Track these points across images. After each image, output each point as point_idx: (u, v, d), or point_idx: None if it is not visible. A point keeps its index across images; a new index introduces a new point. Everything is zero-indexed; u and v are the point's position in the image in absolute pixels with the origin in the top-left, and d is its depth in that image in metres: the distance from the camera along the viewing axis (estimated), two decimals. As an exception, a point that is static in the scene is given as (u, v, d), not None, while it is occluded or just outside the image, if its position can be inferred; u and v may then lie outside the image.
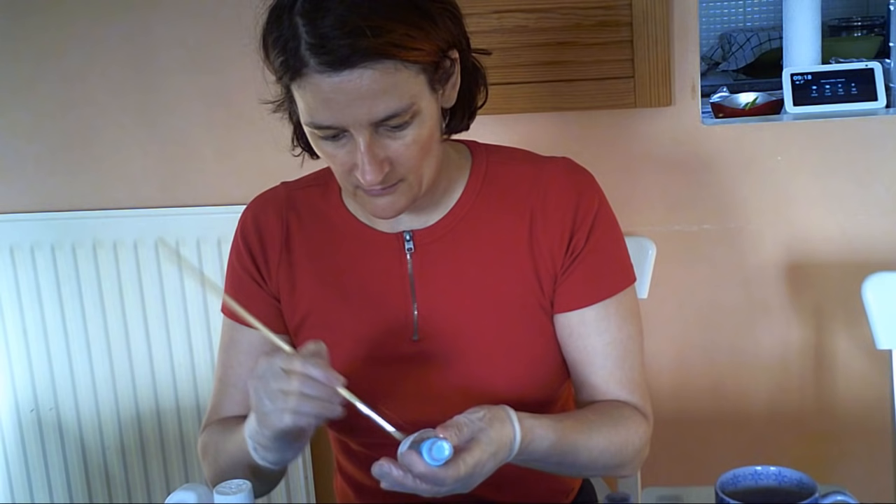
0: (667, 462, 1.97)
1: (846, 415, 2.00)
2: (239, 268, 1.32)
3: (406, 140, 1.12)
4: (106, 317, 2.13)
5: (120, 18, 2.04)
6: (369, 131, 1.10)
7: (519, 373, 1.26)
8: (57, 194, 2.14)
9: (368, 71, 1.06)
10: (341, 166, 1.15)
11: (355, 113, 1.08)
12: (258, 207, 1.33)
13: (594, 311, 1.25)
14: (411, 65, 1.09)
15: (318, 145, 1.15)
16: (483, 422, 1.06)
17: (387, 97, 1.08)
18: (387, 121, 1.09)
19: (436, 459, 1.00)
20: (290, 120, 1.23)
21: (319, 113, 1.09)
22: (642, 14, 1.84)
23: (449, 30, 1.14)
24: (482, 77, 1.25)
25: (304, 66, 1.07)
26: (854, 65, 1.99)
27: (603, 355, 1.26)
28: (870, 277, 1.52)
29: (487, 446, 1.05)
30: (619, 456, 1.23)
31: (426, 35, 1.10)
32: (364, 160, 1.10)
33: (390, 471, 1.01)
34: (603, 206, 1.28)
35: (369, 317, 1.27)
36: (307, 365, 1.05)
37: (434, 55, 1.12)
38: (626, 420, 1.24)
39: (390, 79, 1.07)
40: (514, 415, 1.10)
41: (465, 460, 1.02)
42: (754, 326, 1.99)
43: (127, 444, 2.18)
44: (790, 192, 1.93)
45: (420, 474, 1.00)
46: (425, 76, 1.12)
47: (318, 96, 1.08)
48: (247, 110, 2.01)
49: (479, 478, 1.06)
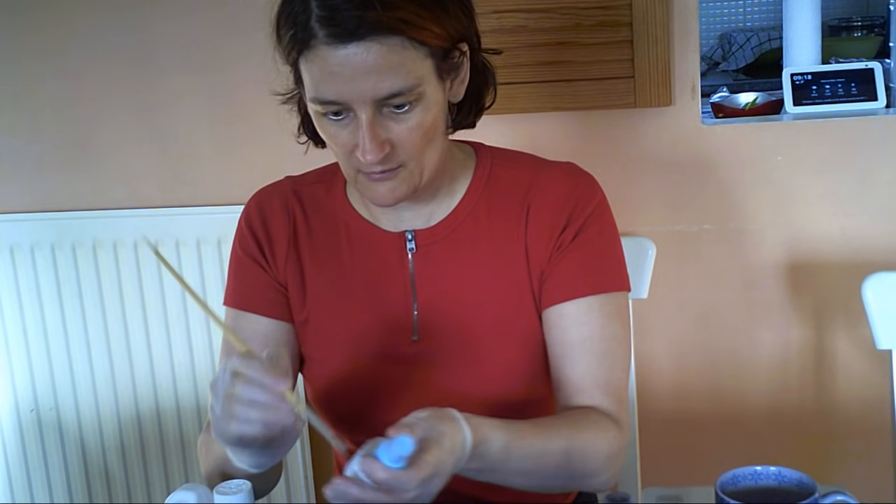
0: (667, 462, 1.97)
1: (846, 415, 2.00)
2: (243, 254, 1.31)
3: (409, 123, 1.12)
4: (106, 317, 2.13)
5: (120, 17, 2.04)
6: (372, 109, 1.10)
7: (515, 373, 1.26)
8: (57, 194, 2.14)
9: (375, 45, 1.07)
10: (343, 147, 1.14)
11: (360, 87, 1.08)
12: (263, 197, 1.33)
13: (575, 305, 1.23)
14: (419, 45, 1.09)
15: (322, 125, 1.15)
16: (433, 420, 1.01)
17: (392, 74, 1.08)
18: (390, 99, 1.10)
19: (398, 460, 0.94)
20: (298, 110, 1.24)
21: (324, 86, 1.10)
22: (642, 14, 1.84)
23: (460, 21, 1.15)
24: (491, 76, 1.25)
25: (312, 38, 1.08)
26: (854, 65, 1.99)
27: (581, 349, 1.22)
28: (870, 277, 1.52)
29: (444, 443, 0.99)
30: (586, 463, 1.17)
31: (436, 18, 1.11)
32: (365, 138, 1.10)
33: (347, 487, 0.95)
34: (600, 208, 1.27)
35: (369, 315, 1.27)
36: (251, 367, 1.00)
37: (443, 41, 1.12)
38: (592, 424, 1.19)
39: (396, 56, 1.08)
40: (459, 413, 1.05)
41: (426, 460, 0.96)
42: (754, 326, 1.99)
43: (127, 444, 2.18)
44: (790, 192, 1.93)
45: (383, 480, 0.94)
46: (433, 61, 1.12)
47: (324, 69, 1.09)
48: (247, 109, 2.01)
49: (440, 480, 1.00)
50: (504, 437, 1.08)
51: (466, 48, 1.17)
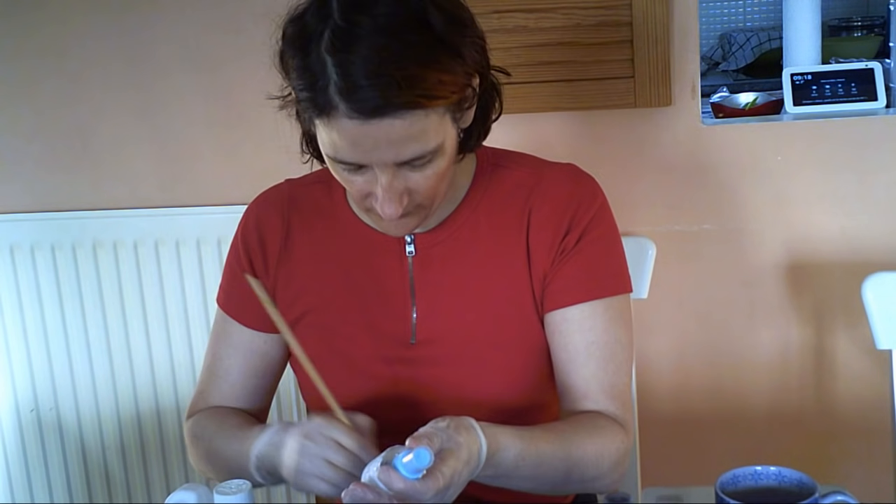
0: (667, 462, 1.97)
1: (846, 415, 2.00)
2: (236, 264, 1.33)
3: (427, 173, 1.12)
4: (106, 317, 2.13)
5: (120, 17, 2.04)
6: (392, 170, 1.09)
7: (515, 377, 1.25)
8: (57, 194, 2.14)
9: (398, 120, 1.05)
10: (358, 192, 1.14)
11: (382, 156, 1.07)
12: (261, 207, 1.34)
13: (578, 309, 1.23)
14: (440, 107, 1.08)
15: (336, 171, 1.14)
16: (451, 430, 1.03)
17: (414, 142, 1.07)
18: (412, 161, 1.09)
19: (415, 472, 0.96)
20: (299, 120, 1.19)
21: (344, 151, 1.08)
22: (642, 14, 1.84)
23: (475, 59, 1.13)
24: (498, 93, 1.23)
25: (333, 109, 1.05)
26: (854, 65, 1.99)
27: (586, 355, 1.23)
28: (870, 277, 1.52)
29: (461, 454, 1.01)
30: (595, 468, 1.18)
31: (455, 77, 1.08)
32: (384, 196, 1.10)
33: (364, 495, 0.98)
34: (602, 211, 1.27)
35: (368, 318, 1.27)
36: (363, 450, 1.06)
37: (460, 90, 1.10)
38: (602, 430, 1.20)
39: (419, 125, 1.06)
40: (476, 423, 1.07)
41: (442, 472, 0.98)
42: (754, 326, 1.99)
43: (127, 444, 2.18)
44: (790, 192, 1.93)
45: (400, 491, 0.96)
46: (450, 113, 1.11)
47: (344, 137, 1.07)
48: (247, 109, 2.01)
49: (455, 490, 1.02)
50: (518, 445, 1.10)
51: (478, 80, 1.15)
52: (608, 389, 1.23)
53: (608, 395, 1.23)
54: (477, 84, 1.15)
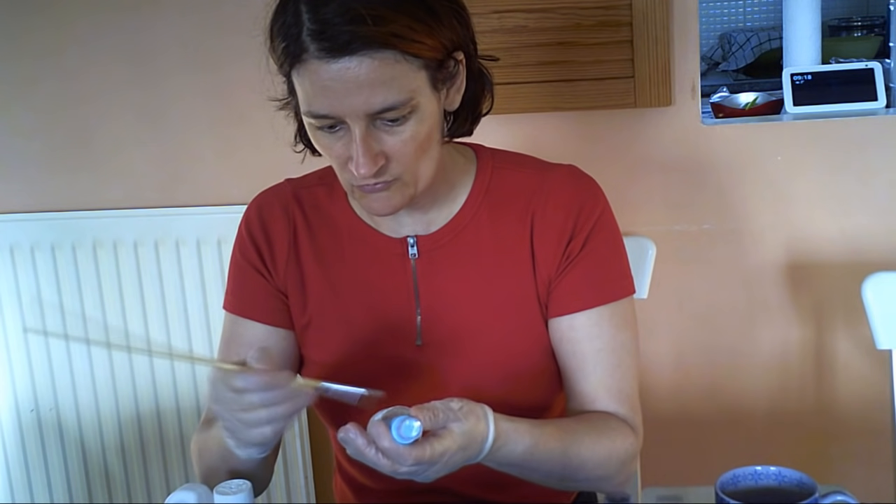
0: (667, 462, 1.97)
1: (846, 415, 2.00)
2: (243, 261, 1.31)
3: (403, 136, 1.11)
4: (106, 317, 2.13)
5: (120, 17, 2.04)
6: (365, 122, 1.09)
7: (519, 379, 1.26)
8: (57, 194, 2.14)
9: (367, 59, 1.06)
10: (337, 159, 1.14)
11: (352, 102, 1.08)
12: (263, 202, 1.33)
13: (586, 316, 1.24)
14: (412, 58, 1.08)
15: (316, 137, 1.15)
16: (459, 413, 1.04)
17: (384, 88, 1.07)
18: (383, 113, 1.09)
19: (404, 438, 0.99)
20: (295, 117, 1.22)
21: (317, 101, 1.09)
22: (642, 14, 1.84)
23: (455, 30, 1.14)
24: (488, 83, 1.24)
25: (303, 52, 1.07)
26: (854, 65, 1.99)
27: (594, 362, 1.24)
28: (870, 277, 1.52)
29: (458, 437, 1.03)
30: (603, 468, 1.20)
31: (430, 30, 1.09)
32: (358, 151, 1.10)
33: (356, 438, 1.00)
34: (605, 213, 1.27)
35: (373, 320, 1.27)
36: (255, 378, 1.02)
37: (437, 52, 1.11)
38: (612, 431, 1.21)
39: (389, 70, 1.07)
40: (490, 415, 1.08)
41: (432, 445, 1.00)
42: (754, 326, 1.99)
43: (127, 444, 2.18)
44: (790, 192, 1.93)
45: (384, 448, 0.99)
46: (427, 73, 1.11)
47: (316, 84, 1.08)
48: (247, 110, 2.01)
49: (443, 469, 1.03)
50: (529, 441, 1.11)
51: (462, 56, 1.16)
52: (616, 394, 1.24)
53: (617, 400, 1.24)
54: (461, 60, 1.16)
